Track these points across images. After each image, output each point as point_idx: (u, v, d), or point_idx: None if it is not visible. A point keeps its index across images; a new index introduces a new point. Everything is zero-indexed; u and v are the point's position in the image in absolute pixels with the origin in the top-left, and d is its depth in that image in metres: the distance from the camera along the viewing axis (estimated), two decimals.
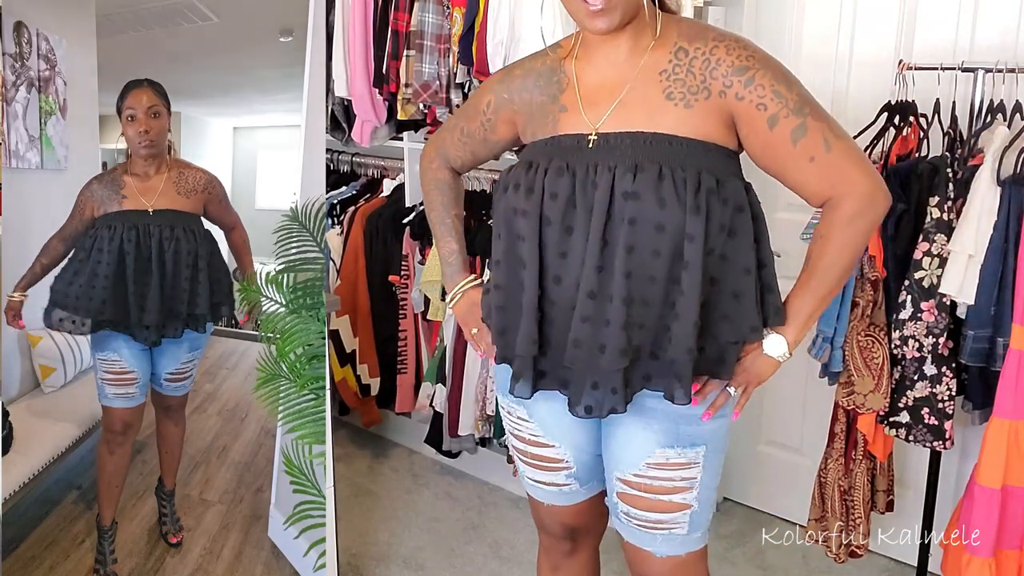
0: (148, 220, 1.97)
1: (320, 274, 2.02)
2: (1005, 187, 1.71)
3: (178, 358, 2.12)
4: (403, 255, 2.81)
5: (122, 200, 1.97)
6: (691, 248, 1.21)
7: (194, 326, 2.08)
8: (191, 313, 2.03)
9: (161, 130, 1.99)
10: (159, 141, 2.00)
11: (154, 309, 1.96)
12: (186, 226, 2.00)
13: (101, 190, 1.98)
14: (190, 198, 2.03)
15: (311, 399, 1.98)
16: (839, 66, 2.33)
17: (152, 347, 2.06)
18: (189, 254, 1.99)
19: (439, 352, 2.72)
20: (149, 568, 2.12)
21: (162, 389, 2.16)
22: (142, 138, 1.96)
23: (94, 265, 1.93)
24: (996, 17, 2.05)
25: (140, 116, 1.95)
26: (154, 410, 2.23)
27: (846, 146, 1.27)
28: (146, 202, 1.98)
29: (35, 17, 2.01)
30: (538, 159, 1.32)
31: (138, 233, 1.95)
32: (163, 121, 1.99)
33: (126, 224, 1.95)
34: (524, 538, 2.61)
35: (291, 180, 2.14)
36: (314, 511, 1.99)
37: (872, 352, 1.90)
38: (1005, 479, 1.72)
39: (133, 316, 1.96)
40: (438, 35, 2.42)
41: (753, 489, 2.75)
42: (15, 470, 1.99)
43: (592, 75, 1.34)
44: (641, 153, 1.25)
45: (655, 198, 1.21)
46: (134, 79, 1.99)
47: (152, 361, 2.10)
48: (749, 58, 1.25)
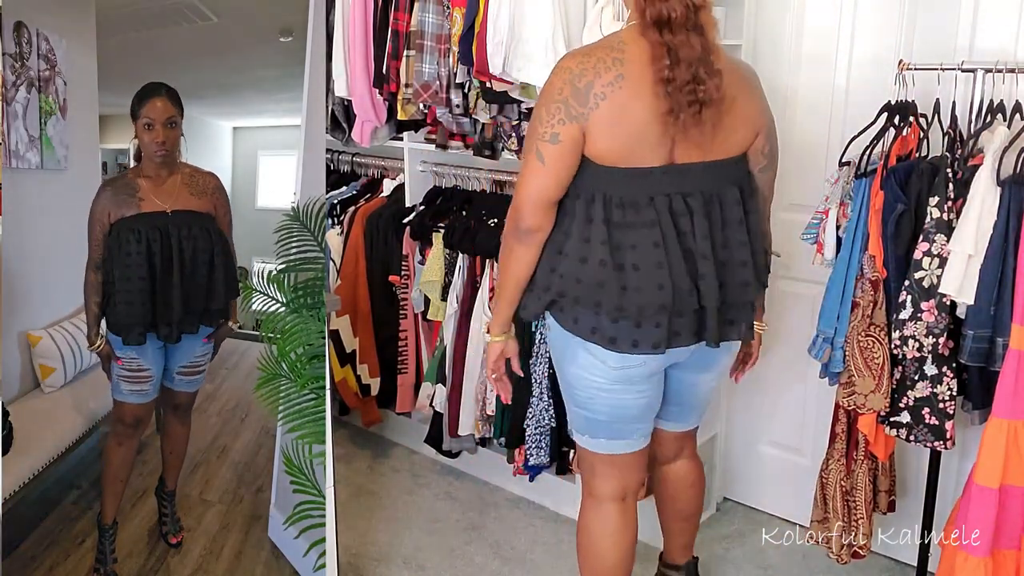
0: (168, 221, 2.01)
1: (320, 274, 2.03)
2: (1005, 187, 1.71)
3: (192, 352, 2.15)
4: (403, 255, 2.81)
5: (140, 203, 2.00)
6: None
7: (209, 321, 2.13)
8: (207, 308, 2.09)
9: (176, 139, 2.03)
10: (174, 150, 2.04)
11: (177, 307, 2.02)
12: (202, 225, 2.05)
13: (115, 196, 2.00)
14: (202, 199, 2.08)
15: (311, 399, 1.98)
16: (839, 66, 2.33)
17: (173, 343, 2.10)
18: (206, 252, 2.05)
19: (439, 352, 2.72)
20: (150, 568, 2.12)
21: (174, 384, 2.17)
22: (159, 148, 1.99)
23: (123, 270, 1.98)
24: (996, 17, 2.05)
25: (158, 127, 1.98)
26: (162, 410, 2.23)
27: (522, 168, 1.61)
28: (163, 204, 2.01)
29: (35, 17, 2.01)
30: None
31: (161, 234, 1.99)
32: (179, 130, 2.03)
33: (148, 226, 1.99)
34: (525, 538, 2.61)
35: (291, 180, 2.14)
36: (314, 511, 1.99)
37: (873, 352, 1.90)
38: (1003, 479, 1.71)
39: (159, 315, 2.02)
40: (438, 35, 2.41)
41: (753, 489, 2.75)
42: (15, 470, 1.99)
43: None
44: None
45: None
46: (152, 84, 2.00)
47: (166, 356, 2.13)
48: None
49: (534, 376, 2.43)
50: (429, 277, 2.66)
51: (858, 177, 1.92)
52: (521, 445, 2.52)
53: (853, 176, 1.95)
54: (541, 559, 2.51)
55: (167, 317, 2.02)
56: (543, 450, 2.49)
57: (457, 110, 2.46)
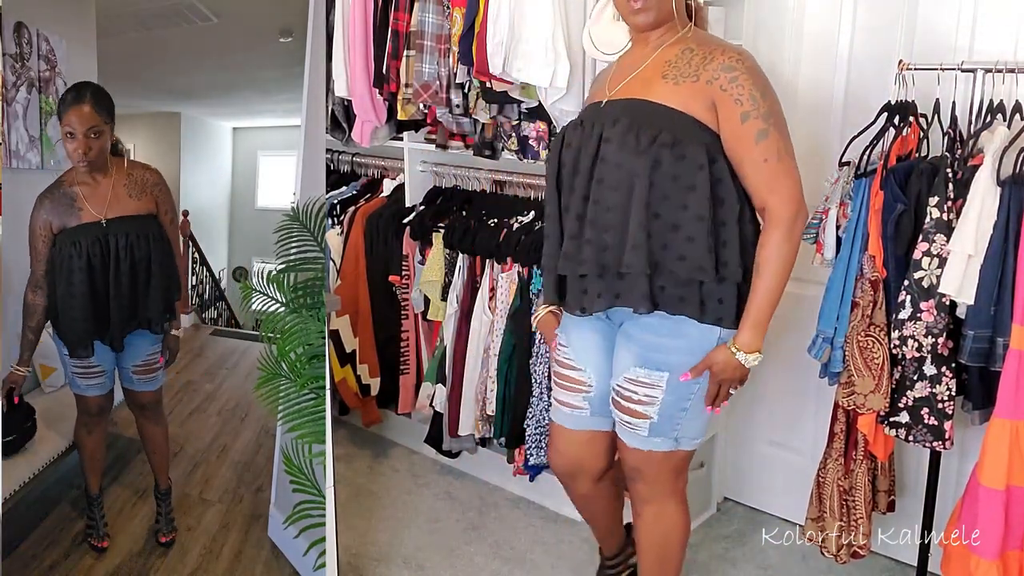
0: (104, 231, 1.96)
1: (320, 274, 2.03)
2: (1005, 187, 1.71)
3: (143, 351, 2.13)
4: (403, 255, 2.81)
5: (79, 213, 1.94)
6: (638, 184, 1.58)
7: (148, 327, 2.10)
8: (145, 317, 2.07)
9: (102, 148, 1.93)
10: (99, 157, 1.94)
11: (116, 319, 2.01)
12: (139, 232, 2.00)
13: (54, 207, 1.94)
14: (141, 199, 2.02)
15: (311, 399, 1.98)
16: (839, 66, 2.33)
17: (119, 351, 2.09)
18: (141, 260, 2.00)
19: (439, 352, 2.72)
20: (149, 567, 2.12)
21: (133, 385, 2.16)
22: (80, 159, 1.91)
23: (66, 287, 1.94)
24: (996, 17, 2.05)
25: (79, 137, 1.88)
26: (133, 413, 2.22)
27: (791, 166, 1.62)
28: (98, 212, 1.95)
29: (35, 17, 2.01)
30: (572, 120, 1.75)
31: (101, 246, 1.95)
32: (104, 139, 1.93)
33: (87, 238, 1.95)
34: (525, 538, 2.61)
35: (291, 180, 2.14)
36: (314, 511, 1.99)
37: (872, 352, 1.90)
38: (1008, 480, 1.71)
39: (102, 326, 2.01)
40: (438, 35, 2.41)
41: (753, 489, 2.75)
42: (15, 470, 1.99)
43: (625, 61, 1.76)
44: (625, 112, 1.63)
45: (618, 143, 1.60)
46: (78, 85, 1.93)
47: (117, 358, 2.12)
48: (739, 62, 1.59)
49: (534, 376, 2.43)
50: (429, 277, 2.66)
51: (858, 177, 1.92)
52: (521, 445, 2.53)
53: (853, 176, 1.95)
54: (541, 559, 2.51)
55: (107, 326, 2.01)
56: (543, 450, 2.49)
57: (457, 110, 2.46)
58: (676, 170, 1.57)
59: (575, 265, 1.66)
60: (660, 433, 1.74)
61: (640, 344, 1.70)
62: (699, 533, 2.62)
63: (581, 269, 1.65)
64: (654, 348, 1.69)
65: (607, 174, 1.61)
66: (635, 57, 1.72)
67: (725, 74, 1.57)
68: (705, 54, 1.61)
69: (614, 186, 1.60)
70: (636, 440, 1.77)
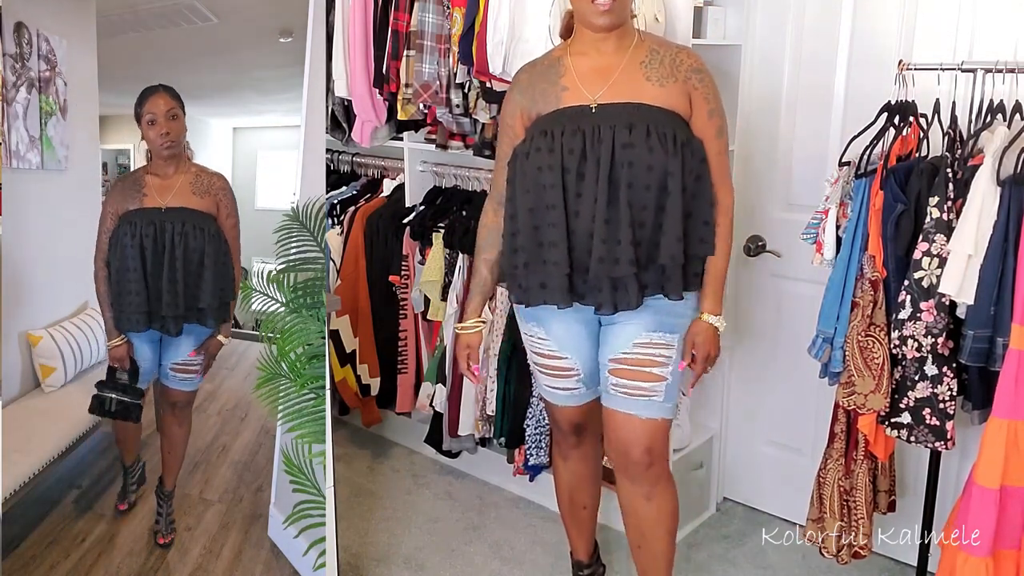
0: (162, 217, 2.05)
1: (320, 274, 2.03)
2: (1005, 187, 1.71)
3: (186, 350, 2.17)
4: (403, 255, 2.81)
5: (143, 198, 2.07)
6: (672, 182, 1.71)
7: (199, 320, 2.14)
8: (196, 307, 2.11)
9: (180, 131, 2.08)
10: (179, 141, 2.09)
11: (168, 300, 2.07)
12: (196, 224, 2.08)
13: (123, 191, 2.07)
14: (204, 198, 2.11)
15: (311, 398, 1.98)
16: (839, 66, 2.33)
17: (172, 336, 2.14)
18: (195, 251, 2.08)
19: (439, 352, 2.72)
20: (150, 567, 2.12)
21: (168, 382, 2.19)
22: (164, 139, 2.05)
23: (121, 260, 2.05)
24: (996, 17, 2.05)
25: (160, 120, 2.03)
26: (160, 409, 2.24)
27: (727, 161, 1.85)
28: (160, 200, 2.06)
29: (36, 17, 2.01)
30: (551, 127, 1.76)
31: (155, 229, 2.05)
32: (181, 123, 2.08)
33: (144, 220, 2.04)
34: (524, 538, 2.61)
35: (291, 180, 2.14)
36: (314, 510, 1.99)
37: (872, 352, 1.90)
38: (1003, 479, 1.71)
39: (152, 307, 2.08)
40: (438, 35, 2.42)
41: (753, 489, 2.75)
42: (15, 470, 1.99)
43: (586, 63, 1.79)
44: (632, 116, 1.72)
45: (646, 147, 1.69)
46: (150, 85, 2.06)
47: (160, 352, 2.16)
48: (702, 64, 1.79)
49: (534, 376, 2.43)
50: (429, 277, 2.66)
51: (858, 177, 1.92)
52: (521, 445, 2.53)
53: (853, 176, 1.95)
54: (541, 559, 2.51)
55: (160, 310, 2.08)
56: (543, 450, 2.50)
57: (457, 110, 2.46)
58: (692, 165, 1.74)
59: (611, 266, 1.73)
60: (671, 397, 1.88)
61: (651, 311, 1.82)
62: (699, 533, 2.62)
63: (620, 270, 1.73)
64: (666, 312, 1.83)
65: (637, 177, 1.70)
66: (601, 59, 1.77)
67: (695, 75, 1.76)
68: (672, 55, 1.77)
69: (646, 186, 1.71)
70: (652, 408, 1.85)
